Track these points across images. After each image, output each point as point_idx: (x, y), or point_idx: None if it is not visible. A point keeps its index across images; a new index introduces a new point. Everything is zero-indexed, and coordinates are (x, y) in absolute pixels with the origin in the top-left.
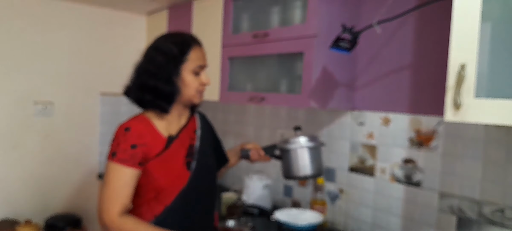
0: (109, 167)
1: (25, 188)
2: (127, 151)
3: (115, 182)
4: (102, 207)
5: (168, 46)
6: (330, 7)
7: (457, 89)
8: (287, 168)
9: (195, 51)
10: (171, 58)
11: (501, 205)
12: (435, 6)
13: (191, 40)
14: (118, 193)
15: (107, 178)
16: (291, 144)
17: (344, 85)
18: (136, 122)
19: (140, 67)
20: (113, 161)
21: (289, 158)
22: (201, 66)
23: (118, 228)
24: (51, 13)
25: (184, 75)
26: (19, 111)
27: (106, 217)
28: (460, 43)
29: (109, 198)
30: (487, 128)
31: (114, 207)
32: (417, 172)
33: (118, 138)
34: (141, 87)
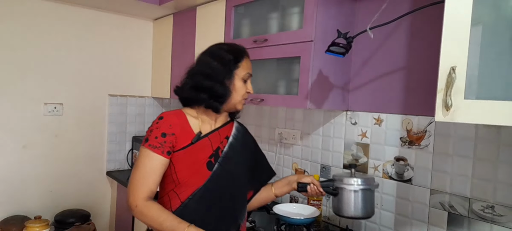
0: (141, 152)
1: (35, 185)
2: (158, 138)
3: (145, 167)
4: (130, 189)
5: (223, 53)
6: (325, 14)
7: (447, 91)
8: (340, 206)
9: (246, 60)
10: (226, 63)
11: (491, 202)
12: (426, 10)
13: (243, 50)
14: (146, 177)
15: (138, 162)
16: (347, 184)
17: (339, 87)
18: (171, 113)
19: (195, 70)
20: (145, 146)
21: (343, 197)
22: (250, 74)
23: (141, 211)
24: (62, 18)
25: (235, 81)
26: (29, 111)
27: (132, 199)
28: (451, 46)
29: (138, 181)
30: (477, 127)
31: (141, 191)
32: (409, 169)
33: (152, 126)
34: (196, 88)
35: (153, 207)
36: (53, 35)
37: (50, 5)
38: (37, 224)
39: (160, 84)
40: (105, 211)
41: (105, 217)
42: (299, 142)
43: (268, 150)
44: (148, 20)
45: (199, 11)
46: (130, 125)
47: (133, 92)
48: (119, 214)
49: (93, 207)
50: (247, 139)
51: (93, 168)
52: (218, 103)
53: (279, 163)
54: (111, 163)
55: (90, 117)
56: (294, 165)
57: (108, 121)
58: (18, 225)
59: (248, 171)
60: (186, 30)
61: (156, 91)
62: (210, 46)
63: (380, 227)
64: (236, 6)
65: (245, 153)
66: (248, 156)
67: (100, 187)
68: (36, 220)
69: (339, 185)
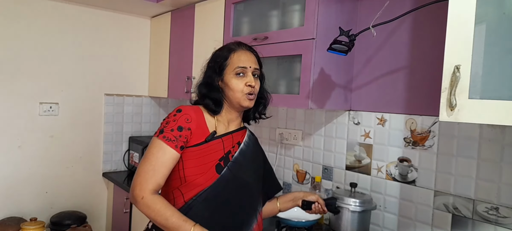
0: (153, 143)
1: (30, 187)
2: (173, 131)
3: (156, 159)
4: (137, 180)
5: (214, 55)
6: (327, 11)
7: (451, 90)
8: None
9: (237, 54)
10: (215, 64)
11: (496, 203)
12: (430, 8)
13: (236, 46)
14: (155, 170)
15: (149, 153)
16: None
17: (341, 86)
18: (189, 107)
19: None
20: (159, 137)
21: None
22: (242, 67)
23: (146, 204)
24: (57, 16)
25: (227, 79)
26: (25, 111)
27: (138, 190)
28: (455, 45)
29: (147, 173)
30: (481, 127)
31: (149, 183)
32: (413, 170)
33: (169, 118)
34: (200, 97)
35: (159, 201)
36: (49, 33)
37: (45, 3)
38: (32, 226)
39: (158, 84)
40: (102, 212)
41: (102, 219)
42: (301, 143)
43: (269, 151)
44: (145, 18)
45: (198, 9)
46: (127, 125)
47: (129, 92)
48: (116, 216)
49: (89, 208)
50: (258, 149)
51: (89, 169)
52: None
53: (280, 164)
54: (107, 164)
55: (86, 116)
56: (295, 166)
57: (104, 121)
58: (14, 226)
59: (257, 182)
60: (185, 28)
61: (153, 91)
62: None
63: (383, 229)
64: (236, 3)
65: (255, 163)
66: (257, 167)
67: (96, 189)
68: (31, 222)
69: (339, 204)
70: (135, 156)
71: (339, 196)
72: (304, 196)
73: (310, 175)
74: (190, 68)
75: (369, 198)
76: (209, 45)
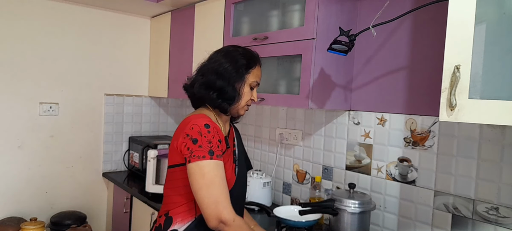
0: (209, 166)
1: (30, 187)
2: (219, 146)
3: (223, 179)
4: (220, 206)
5: (237, 55)
6: (327, 11)
7: (451, 90)
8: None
9: (257, 68)
10: (239, 67)
11: (496, 203)
12: (430, 8)
13: (257, 58)
14: (225, 188)
15: (210, 176)
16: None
17: (341, 86)
18: (207, 118)
19: (207, 68)
20: (214, 159)
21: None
22: (258, 83)
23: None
24: (56, 16)
25: (244, 86)
26: (25, 111)
27: (228, 215)
28: (455, 45)
29: (223, 195)
30: (481, 127)
31: (231, 205)
32: (413, 170)
33: (206, 136)
34: (207, 86)
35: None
36: (49, 33)
37: (45, 3)
38: (33, 226)
39: (158, 84)
40: (102, 213)
41: (102, 219)
42: (301, 143)
43: (269, 151)
44: (145, 18)
45: (198, 9)
46: (127, 125)
47: (129, 92)
48: (116, 216)
49: (90, 208)
50: (240, 138)
51: (89, 169)
52: (227, 104)
53: (280, 164)
54: (108, 164)
55: (86, 116)
56: (295, 166)
57: (104, 121)
58: (14, 226)
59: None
60: (184, 28)
61: (153, 91)
62: (225, 46)
63: (383, 229)
64: (236, 3)
65: (243, 151)
66: (243, 153)
67: (96, 189)
68: (31, 222)
69: (338, 206)
70: (135, 156)
71: (338, 197)
72: None
73: (310, 175)
74: (190, 68)
75: (368, 199)
76: (209, 45)
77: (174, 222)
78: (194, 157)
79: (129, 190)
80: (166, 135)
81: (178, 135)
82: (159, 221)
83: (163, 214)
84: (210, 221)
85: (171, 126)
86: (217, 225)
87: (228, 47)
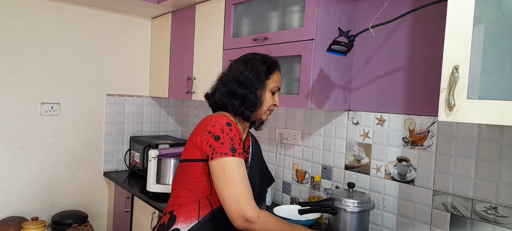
0: (230, 163)
1: (32, 186)
2: (241, 144)
3: (243, 177)
4: (242, 203)
5: (257, 62)
6: (327, 12)
7: (450, 91)
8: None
9: (277, 73)
10: (259, 73)
11: (494, 203)
12: (429, 8)
13: (276, 63)
14: (248, 186)
15: (232, 173)
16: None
17: (341, 87)
18: (229, 118)
19: (228, 77)
20: (236, 156)
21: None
22: (279, 87)
23: (264, 221)
24: (59, 16)
25: (266, 92)
26: (26, 111)
27: (251, 212)
28: (454, 45)
29: (244, 193)
30: (479, 127)
31: (253, 201)
32: (412, 170)
33: (228, 133)
34: (229, 94)
35: (267, 213)
36: (50, 33)
37: (46, 3)
38: (34, 225)
39: (159, 84)
40: (103, 212)
41: (103, 218)
42: (300, 142)
43: (269, 151)
44: (146, 19)
45: (198, 10)
46: (128, 125)
47: (131, 92)
48: (117, 216)
49: (91, 208)
50: (259, 151)
51: (90, 169)
52: (249, 111)
53: (279, 164)
54: (109, 164)
55: (87, 116)
56: (295, 166)
57: (105, 121)
58: (15, 226)
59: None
60: (185, 29)
61: (154, 91)
62: (244, 55)
63: (382, 228)
64: (236, 4)
65: (259, 165)
66: (260, 168)
67: (98, 188)
68: (33, 221)
69: (337, 205)
70: (136, 156)
71: (337, 196)
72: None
73: (309, 175)
74: (191, 69)
75: (367, 198)
76: (210, 46)
77: (177, 221)
78: (216, 153)
79: (130, 190)
80: (167, 135)
81: (198, 131)
82: (163, 218)
83: (168, 212)
84: (235, 220)
85: (171, 126)
86: (243, 224)
87: (247, 56)
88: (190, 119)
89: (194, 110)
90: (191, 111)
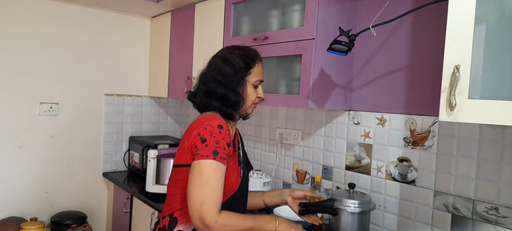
0: (209, 166)
1: (30, 186)
2: (225, 149)
3: (217, 181)
4: (204, 207)
5: (235, 58)
6: (327, 11)
7: (451, 90)
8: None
9: (257, 66)
10: (238, 70)
11: (495, 203)
12: (430, 8)
13: (255, 56)
14: (217, 191)
15: (207, 176)
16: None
17: (341, 86)
18: (221, 120)
19: (207, 76)
20: (216, 159)
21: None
22: (261, 80)
23: (221, 224)
24: (57, 16)
25: (247, 88)
26: (25, 111)
27: (210, 216)
28: (455, 45)
29: (212, 197)
30: (481, 127)
31: (216, 207)
32: (412, 170)
33: (215, 137)
34: (209, 94)
35: (230, 216)
36: (49, 33)
37: (45, 3)
38: (33, 226)
39: (158, 84)
40: (102, 212)
41: (102, 219)
42: (301, 143)
43: (269, 151)
44: (145, 18)
45: (198, 9)
46: (127, 125)
47: (130, 92)
48: (116, 216)
49: (90, 208)
50: (242, 140)
51: (89, 169)
52: (232, 110)
53: (279, 164)
54: (108, 164)
55: (86, 116)
56: (295, 166)
57: (104, 121)
58: (14, 226)
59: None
60: (185, 28)
61: (153, 91)
62: (222, 50)
63: (383, 229)
64: (236, 3)
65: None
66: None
67: (97, 189)
68: (32, 222)
69: (338, 205)
70: (135, 156)
71: (337, 197)
72: (290, 193)
73: (310, 175)
74: (190, 69)
75: (368, 199)
76: (210, 45)
77: (179, 223)
78: (198, 155)
79: (129, 190)
80: (166, 135)
81: (189, 134)
82: (162, 222)
83: (167, 214)
84: (194, 220)
85: (171, 125)
86: (200, 226)
87: (224, 51)
88: (190, 119)
89: (193, 110)
90: (190, 111)
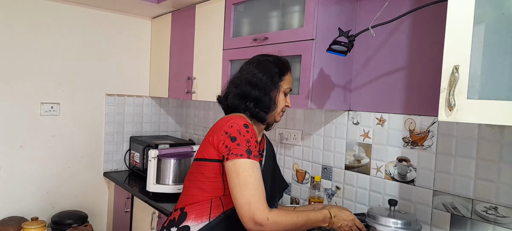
0: (245, 165)
1: (31, 186)
2: (256, 147)
3: (254, 178)
4: (252, 206)
5: (269, 64)
6: (327, 12)
7: (450, 90)
8: None
9: (289, 75)
10: (273, 75)
11: (494, 203)
12: (429, 8)
13: (288, 64)
14: (260, 188)
15: (245, 175)
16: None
17: (341, 87)
18: (246, 119)
19: (240, 79)
20: (251, 158)
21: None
22: (291, 88)
23: (274, 222)
24: (59, 16)
25: (279, 94)
26: (26, 111)
27: (261, 215)
28: (454, 45)
29: (255, 195)
30: (480, 127)
31: (263, 203)
32: (412, 170)
33: (245, 135)
34: (242, 97)
35: (282, 212)
36: (50, 33)
37: (46, 3)
38: (34, 226)
39: (158, 84)
40: (103, 212)
41: (103, 218)
42: (300, 142)
43: None
44: (146, 19)
45: (198, 10)
46: (128, 125)
47: (130, 92)
48: (117, 216)
49: (91, 208)
50: (273, 155)
51: (90, 169)
52: (264, 113)
53: (279, 164)
54: (109, 164)
55: (87, 116)
56: (295, 166)
57: (105, 121)
58: (15, 226)
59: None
60: (185, 29)
61: (154, 91)
62: (256, 57)
63: None
64: (236, 4)
65: (272, 168)
66: (273, 171)
67: (98, 188)
68: (33, 222)
69: (372, 224)
70: (136, 156)
71: (373, 215)
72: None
73: (309, 175)
74: (191, 69)
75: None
76: (210, 46)
77: (188, 218)
78: (232, 154)
79: (130, 190)
80: (166, 135)
81: (215, 131)
82: (174, 214)
83: (179, 208)
84: (245, 223)
85: (171, 125)
86: (253, 226)
87: (258, 57)
88: (190, 119)
89: (194, 110)
90: (191, 111)
